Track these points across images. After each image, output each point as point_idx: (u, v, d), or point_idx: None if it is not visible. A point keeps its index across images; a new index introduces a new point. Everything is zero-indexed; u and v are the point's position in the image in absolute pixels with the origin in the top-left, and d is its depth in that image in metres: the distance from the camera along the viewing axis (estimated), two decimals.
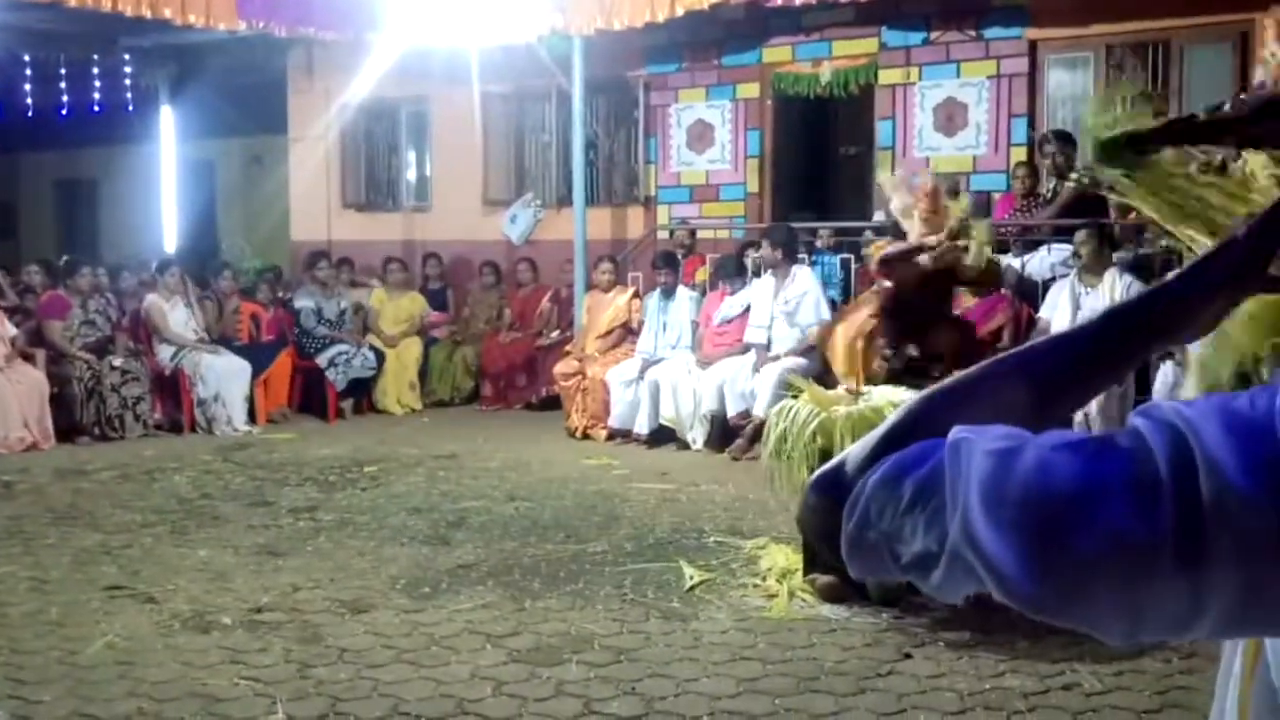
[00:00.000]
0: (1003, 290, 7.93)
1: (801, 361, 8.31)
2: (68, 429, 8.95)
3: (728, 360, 8.61)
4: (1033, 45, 9.55)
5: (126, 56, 12.36)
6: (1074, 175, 8.33)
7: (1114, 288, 7.35)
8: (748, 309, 8.81)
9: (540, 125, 12.17)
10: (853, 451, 0.85)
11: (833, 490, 0.84)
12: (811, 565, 4.88)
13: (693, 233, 10.54)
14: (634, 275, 10.36)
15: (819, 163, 11.87)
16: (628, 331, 9.62)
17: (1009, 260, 8.43)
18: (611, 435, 9.01)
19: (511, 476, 7.58)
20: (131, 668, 4.18)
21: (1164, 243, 7.94)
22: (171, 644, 4.42)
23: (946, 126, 9.85)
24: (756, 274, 9.27)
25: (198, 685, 4.00)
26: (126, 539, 6.04)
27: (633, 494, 7.03)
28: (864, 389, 5.06)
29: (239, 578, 5.29)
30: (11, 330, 9.27)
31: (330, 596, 4.98)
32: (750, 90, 10.76)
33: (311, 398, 10.33)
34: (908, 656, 4.13)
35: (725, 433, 8.45)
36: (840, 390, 5.11)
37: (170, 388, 9.55)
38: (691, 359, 8.83)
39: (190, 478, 7.64)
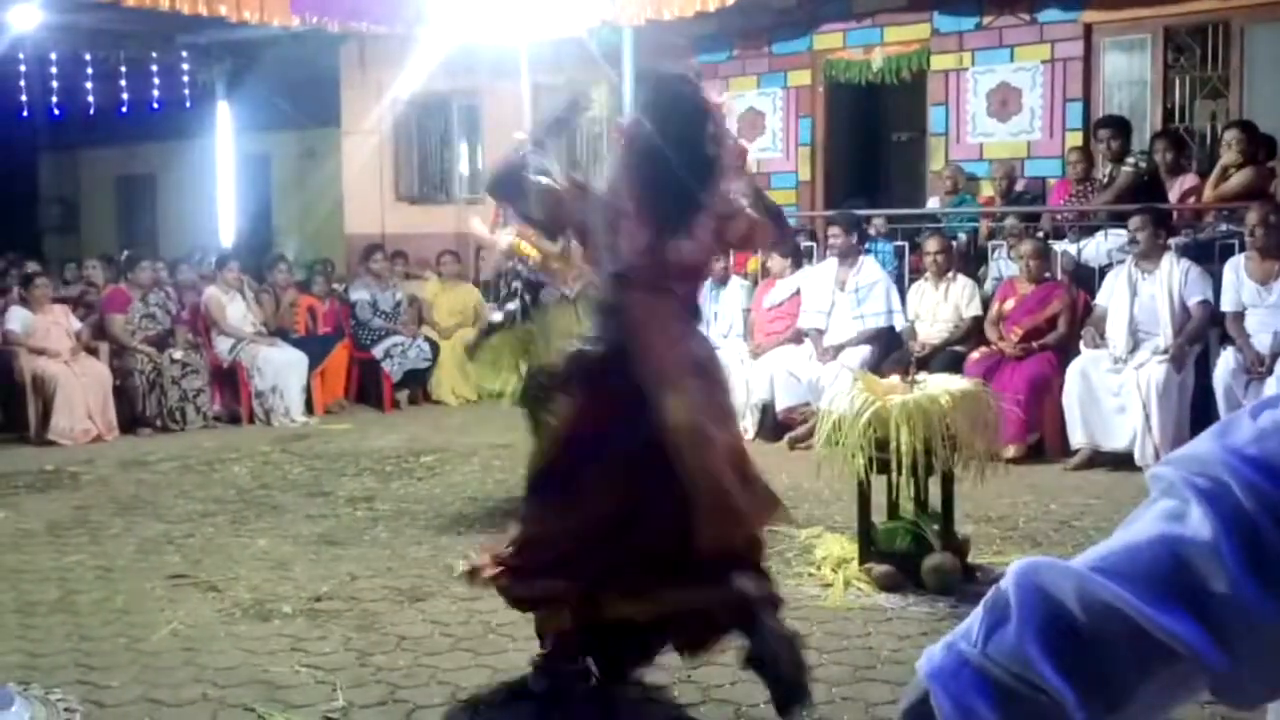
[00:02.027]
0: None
1: (866, 351, 8.27)
2: (130, 421, 9.11)
3: (780, 349, 8.59)
4: (1088, 28, 9.43)
5: (184, 54, 12.54)
6: (1130, 160, 8.22)
7: (1171, 273, 7.24)
8: (797, 293, 8.78)
9: (591, 117, 12.17)
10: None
11: None
12: (867, 554, 4.87)
13: None
14: None
15: (871, 149, 11.80)
16: None
17: (1064, 247, 8.35)
18: None
19: None
20: (195, 654, 4.26)
21: (1223, 227, 7.84)
22: (233, 631, 4.50)
23: (1000, 112, 9.75)
24: (809, 260, 9.24)
25: (259, 672, 4.07)
26: (188, 528, 6.15)
27: None
28: (919, 377, 5.03)
29: (298, 567, 5.37)
30: (76, 324, 9.46)
31: (388, 585, 5.04)
32: (801, 78, 10.71)
33: (367, 389, 10.45)
34: None
35: (777, 422, 8.43)
36: (895, 379, 5.08)
37: (229, 380, 9.70)
38: (744, 348, 8.81)
39: (249, 468, 7.75)
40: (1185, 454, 0.87)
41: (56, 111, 12.36)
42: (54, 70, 11.84)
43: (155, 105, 12.75)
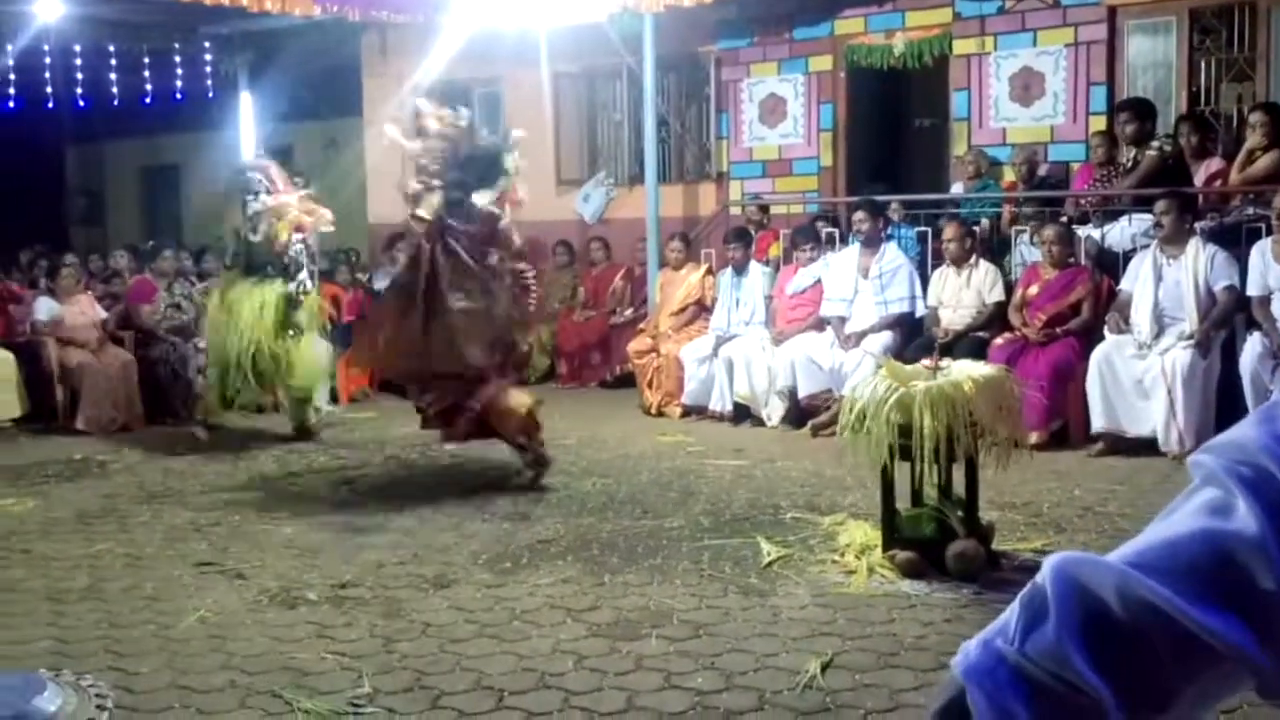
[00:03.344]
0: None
1: (888, 337, 8.26)
2: (156, 410, 9.17)
3: (802, 336, 8.58)
4: (1112, 11, 9.35)
5: (206, 44, 12.59)
6: (1154, 144, 8.16)
7: (1197, 258, 7.19)
8: (819, 281, 8.77)
9: (611, 104, 12.18)
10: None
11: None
12: (890, 541, 4.87)
13: (766, 208, 10.49)
14: (707, 252, 10.35)
15: (893, 135, 11.75)
16: (701, 309, 9.62)
17: (1088, 231, 8.31)
18: (686, 412, 9.03)
19: (588, 453, 7.64)
20: (223, 641, 4.30)
21: (1249, 210, 7.77)
22: (260, 619, 4.54)
23: (1023, 96, 9.69)
24: (831, 246, 9.22)
25: (287, 658, 4.10)
26: (215, 517, 6.20)
27: (708, 470, 7.05)
28: (942, 363, 5.02)
29: (324, 554, 5.40)
30: (102, 314, 9.54)
31: (413, 572, 5.07)
32: (823, 63, 10.67)
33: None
34: None
35: (800, 409, 8.43)
36: (920, 365, 5.07)
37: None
38: (766, 335, 8.81)
39: (275, 457, 7.80)
40: (1226, 441, 0.85)
41: (82, 103, 12.43)
42: (79, 62, 11.91)
43: (179, 96, 12.81)
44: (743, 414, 8.71)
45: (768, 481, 6.72)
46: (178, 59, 12.47)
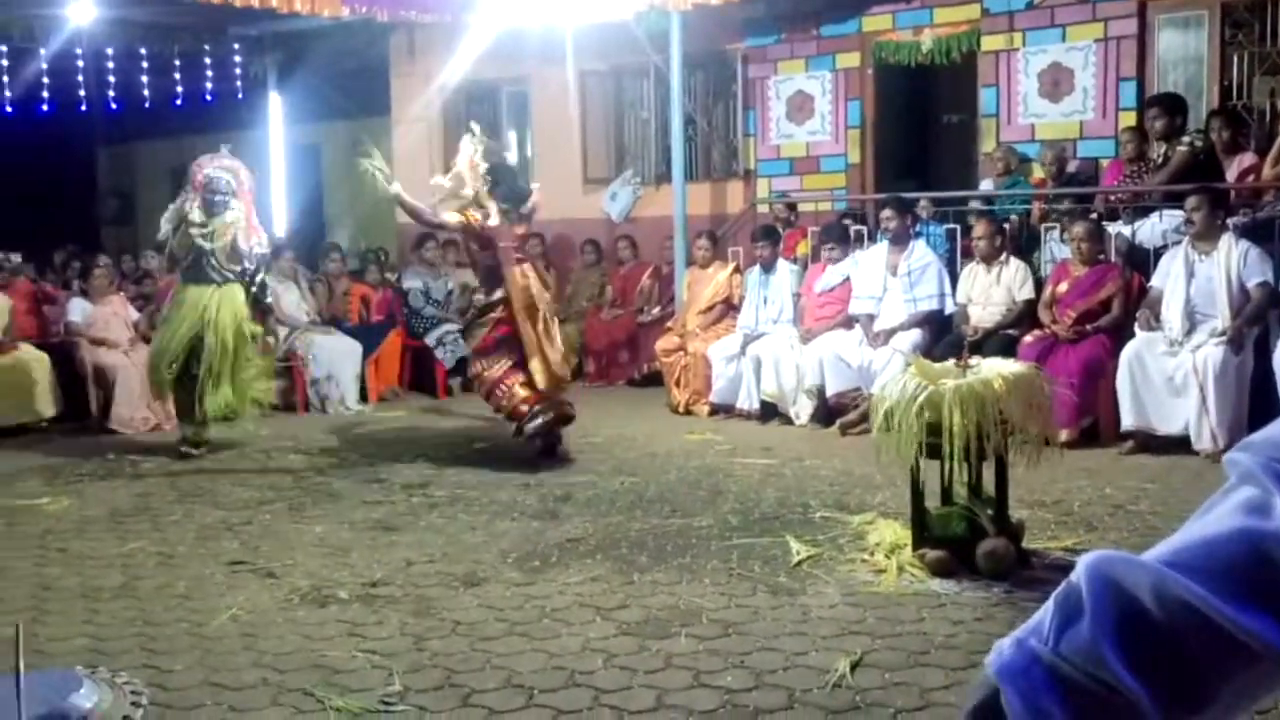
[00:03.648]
0: None
1: (917, 334, 8.23)
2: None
3: (830, 334, 8.56)
4: (1142, 5, 9.27)
5: (236, 46, 12.68)
6: (1185, 139, 8.10)
7: (1229, 254, 7.13)
8: (847, 279, 8.75)
9: (638, 102, 12.19)
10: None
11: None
12: (920, 540, 4.86)
13: (793, 205, 10.47)
14: (734, 250, 10.34)
15: (921, 132, 11.71)
16: (729, 307, 9.61)
17: (1118, 228, 8.25)
18: (714, 411, 9.03)
19: (616, 452, 7.65)
20: (255, 639, 4.33)
21: None
22: (292, 617, 4.57)
23: (1052, 92, 9.62)
24: (860, 244, 9.20)
25: (318, 656, 4.13)
26: (246, 515, 6.25)
27: (736, 469, 7.05)
28: (971, 361, 5.00)
29: (355, 553, 5.44)
30: (134, 315, 9.62)
31: (443, 570, 5.09)
32: (850, 60, 10.63)
33: (421, 376, 10.55)
34: None
35: (829, 407, 8.41)
36: (950, 363, 5.06)
37: (284, 368, 9.81)
38: (794, 333, 8.79)
39: (305, 456, 7.86)
40: (1263, 438, 0.84)
41: (113, 105, 12.54)
42: (111, 65, 12.01)
43: (208, 97, 12.90)
44: (770, 412, 8.70)
45: (796, 480, 6.71)
46: (208, 60, 12.57)
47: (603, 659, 4.00)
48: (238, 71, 12.87)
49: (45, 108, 12.38)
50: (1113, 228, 8.26)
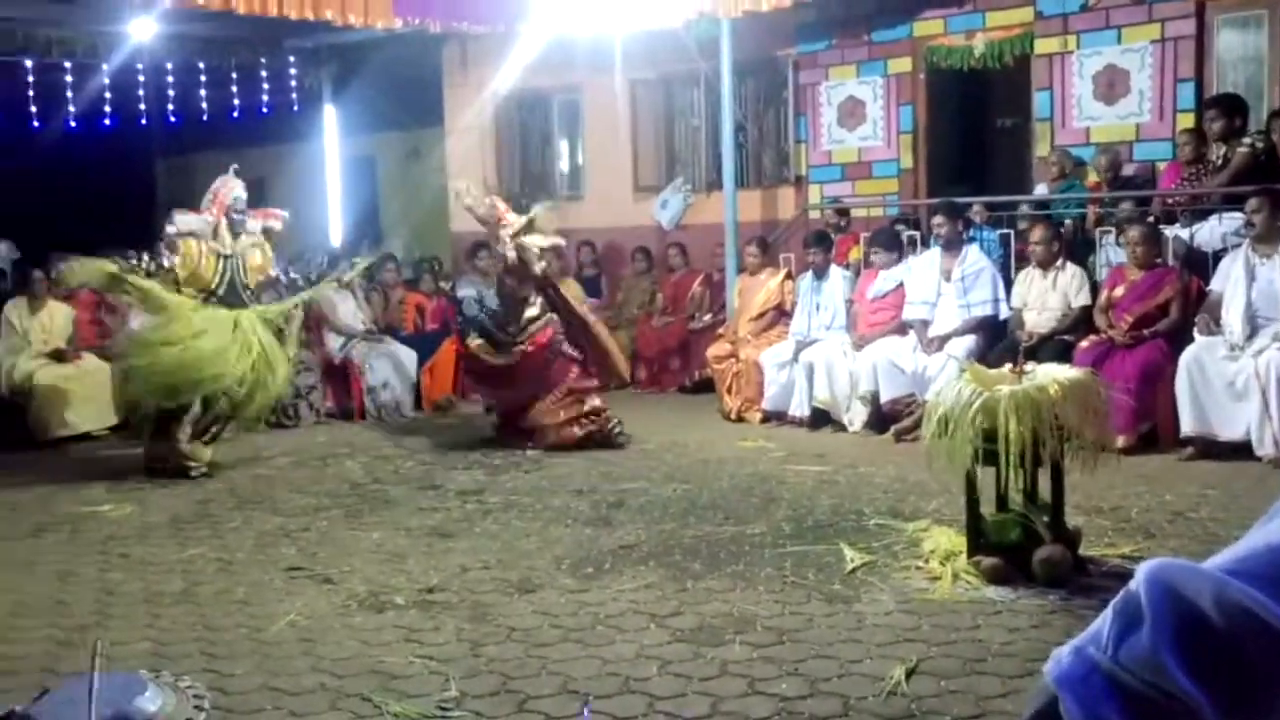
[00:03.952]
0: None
1: (971, 340, 8.17)
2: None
3: (884, 340, 8.52)
4: (1200, 6, 9.14)
5: (291, 59, 12.87)
6: (1245, 140, 7.98)
7: None
8: (900, 285, 8.70)
9: (689, 109, 12.21)
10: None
11: None
12: (975, 547, 4.82)
13: (846, 211, 10.44)
14: (785, 256, 10.33)
15: (974, 136, 11.62)
16: (781, 313, 9.59)
17: (1176, 231, 8.14)
18: (766, 418, 9.01)
19: (668, 459, 7.67)
20: (313, 644, 4.38)
21: None
22: (349, 622, 4.62)
23: (1107, 95, 9.52)
24: (913, 249, 9.15)
25: (375, 662, 4.18)
26: (304, 522, 6.32)
27: (790, 476, 7.03)
28: (1027, 367, 4.96)
29: (411, 559, 5.49)
30: None
31: (498, 577, 5.13)
32: (902, 65, 10.58)
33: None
34: None
35: (882, 414, 8.36)
36: (1005, 369, 5.02)
37: (340, 377, 9.93)
38: (846, 339, 8.76)
39: (362, 463, 7.94)
40: None
41: (173, 119, 12.77)
42: (170, 79, 12.24)
43: (265, 110, 13.10)
44: (821, 419, 8.66)
45: (850, 487, 6.68)
46: (264, 73, 12.77)
47: (657, 666, 4.01)
48: (293, 84, 13.07)
49: (107, 122, 12.63)
50: (1170, 231, 8.15)
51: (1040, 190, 9.61)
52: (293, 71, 13.00)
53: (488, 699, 3.81)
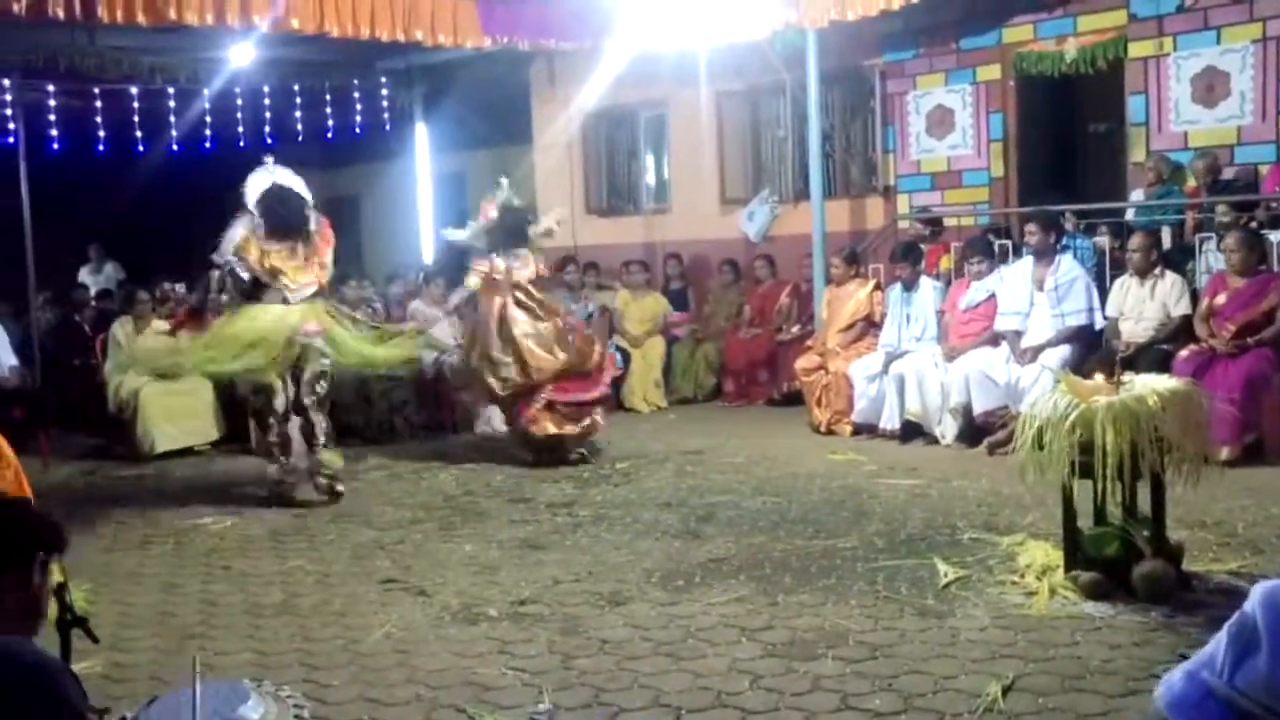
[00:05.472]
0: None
1: (1066, 350, 8.03)
2: (341, 432, 9.51)
3: (976, 351, 8.40)
4: None
5: (383, 79, 13.11)
6: None
7: None
8: (992, 295, 8.58)
9: (775, 120, 12.19)
10: None
11: None
12: (1073, 561, 4.73)
13: (936, 221, 10.32)
14: (874, 267, 10.25)
15: (1066, 142, 11.42)
16: (870, 325, 9.50)
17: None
18: (856, 430, 8.93)
19: (757, 472, 7.64)
20: (408, 656, 4.45)
21: None
22: (443, 634, 4.68)
23: (1206, 98, 9.29)
24: (1004, 259, 9.02)
25: (469, 674, 4.22)
26: (398, 535, 6.42)
27: (881, 489, 6.97)
28: (1124, 377, 4.86)
29: (503, 571, 5.54)
30: None
31: (589, 589, 5.16)
32: (991, 72, 10.46)
33: None
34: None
35: (975, 426, 8.24)
36: (1101, 379, 4.92)
37: (432, 391, 10.05)
38: (938, 351, 8.65)
39: (454, 476, 8.03)
40: None
41: (269, 140, 13.07)
42: (267, 101, 12.55)
43: (358, 130, 13.35)
44: (912, 432, 8.56)
45: (943, 501, 6.60)
46: (357, 94, 13.02)
47: (749, 680, 4.00)
48: (385, 104, 13.30)
49: (207, 145, 12.98)
50: (1275, 236, 7.93)
51: (1136, 196, 9.42)
52: (384, 92, 13.25)
53: (580, 711, 3.84)
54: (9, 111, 10.96)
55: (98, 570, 5.84)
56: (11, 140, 10.67)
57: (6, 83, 10.95)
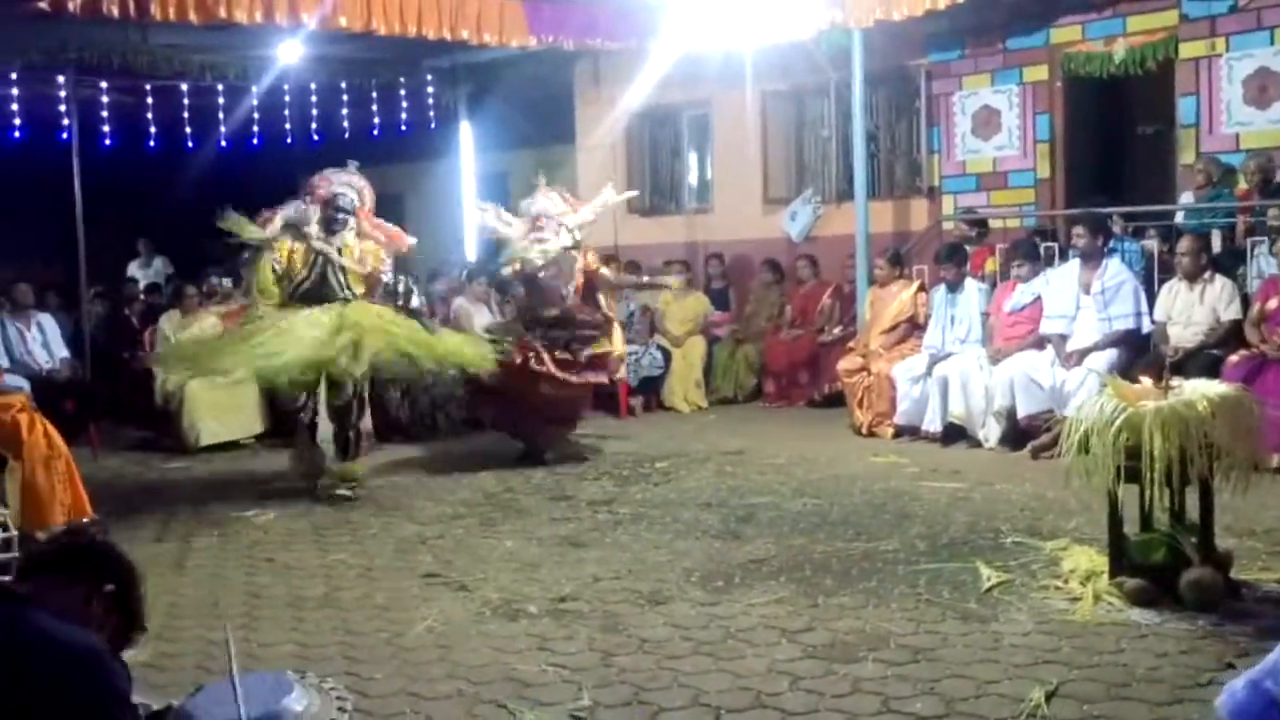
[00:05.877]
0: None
1: (1112, 354, 7.95)
2: (385, 428, 9.60)
3: (1021, 354, 8.33)
4: None
5: (429, 77, 13.20)
6: None
7: None
8: (1038, 298, 8.50)
9: (819, 120, 12.14)
10: None
11: None
12: (1118, 567, 4.69)
13: (982, 222, 10.25)
14: (919, 268, 10.18)
15: (1114, 144, 11.30)
16: (913, 326, 9.45)
17: None
18: (898, 432, 8.89)
19: (798, 473, 7.62)
20: (449, 651, 4.47)
21: None
22: (484, 630, 4.70)
23: (1259, 99, 9.16)
24: (1050, 262, 8.94)
25: (509, 670, 4.24)
26: (440, 530, 6.46)
27: (923, 492, 6.93)
28: (1173, 382, 4.80)
29: (543, 568, 5.56)
30: None
31: (629, 587, 5.16)
32: (1038, 73, 10.36)
33: (603, 395, 10.67)
34: (1230, 666, 3.87)
35: (1019, 430, 8.17)
36: (1147, 384, 4.87)
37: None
38: (982, 353, 8.59)
39: (495, 473, 8.06)
40: None
41: (315, 137, 13.19)
42: (314, 99, 12.66)
43: (403, 128, 13.44)
44: (954, 435, 8.51)
45: (986, 504, 6.55)
46: (403, 92, 13.12)
47: (789, 681, 3.99)
48: (430, 102, 13.39)
49: (255, 141, 13.11)
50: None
51: (1185, 199, 9.30)
52: (430, 90, 13.33)
53: (620, 709, 3.84)
54: (63, 108, 11.14)
55: (146, 561, 5.88)
56: (65, 136, 10.84)
57: (61, 80, 11.12)
